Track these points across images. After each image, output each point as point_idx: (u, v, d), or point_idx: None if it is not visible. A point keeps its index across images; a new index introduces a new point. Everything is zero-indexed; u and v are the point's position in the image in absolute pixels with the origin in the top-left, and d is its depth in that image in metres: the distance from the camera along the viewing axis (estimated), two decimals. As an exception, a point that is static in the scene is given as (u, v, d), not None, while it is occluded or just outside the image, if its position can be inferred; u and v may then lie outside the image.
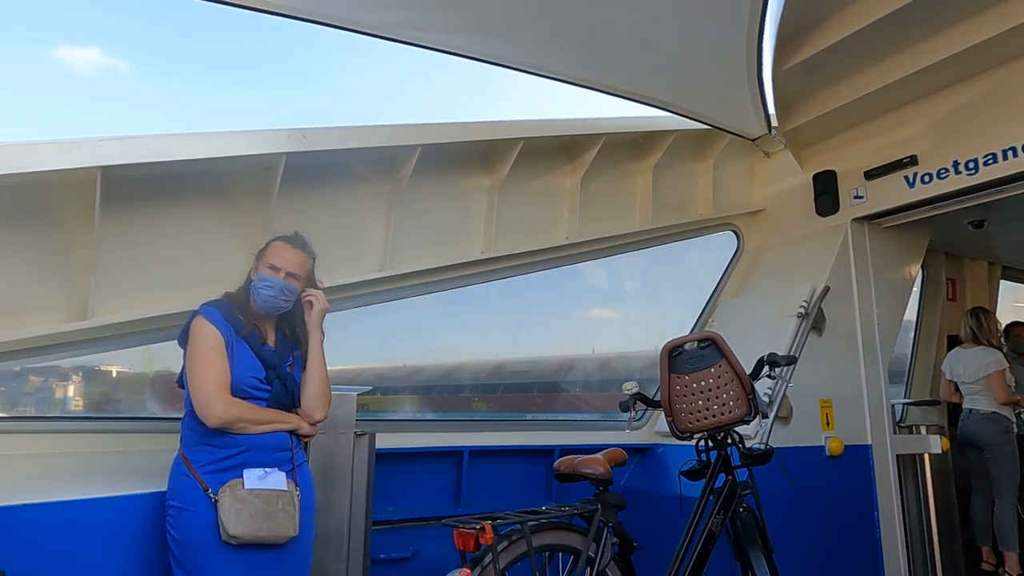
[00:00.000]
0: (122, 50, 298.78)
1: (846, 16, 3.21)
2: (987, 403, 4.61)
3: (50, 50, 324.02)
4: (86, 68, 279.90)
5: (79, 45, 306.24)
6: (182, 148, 2.60)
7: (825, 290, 3.75)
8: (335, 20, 2.69)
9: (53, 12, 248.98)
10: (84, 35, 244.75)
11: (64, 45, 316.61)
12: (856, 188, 3.93)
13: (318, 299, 2.47)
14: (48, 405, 2.86)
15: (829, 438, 3.58)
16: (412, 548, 3.16)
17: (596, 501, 2.63)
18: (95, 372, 3.01)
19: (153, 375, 3.05)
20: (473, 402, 4.53)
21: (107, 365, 3.01)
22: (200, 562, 2.12)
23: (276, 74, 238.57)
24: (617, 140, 3.88)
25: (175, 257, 2.81)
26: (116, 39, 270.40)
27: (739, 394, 2.68)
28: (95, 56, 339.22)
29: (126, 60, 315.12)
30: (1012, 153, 3.25)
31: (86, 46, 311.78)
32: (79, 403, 2.97)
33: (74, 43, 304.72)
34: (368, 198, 3.29)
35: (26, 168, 2.30)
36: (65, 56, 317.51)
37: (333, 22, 2.69)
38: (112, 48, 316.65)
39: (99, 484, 2.33)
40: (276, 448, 2.29)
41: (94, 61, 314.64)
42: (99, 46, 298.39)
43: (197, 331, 2.26)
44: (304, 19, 2.64)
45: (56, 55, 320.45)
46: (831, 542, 3.47)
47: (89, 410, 3.00)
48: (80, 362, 2.87)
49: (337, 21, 2.70)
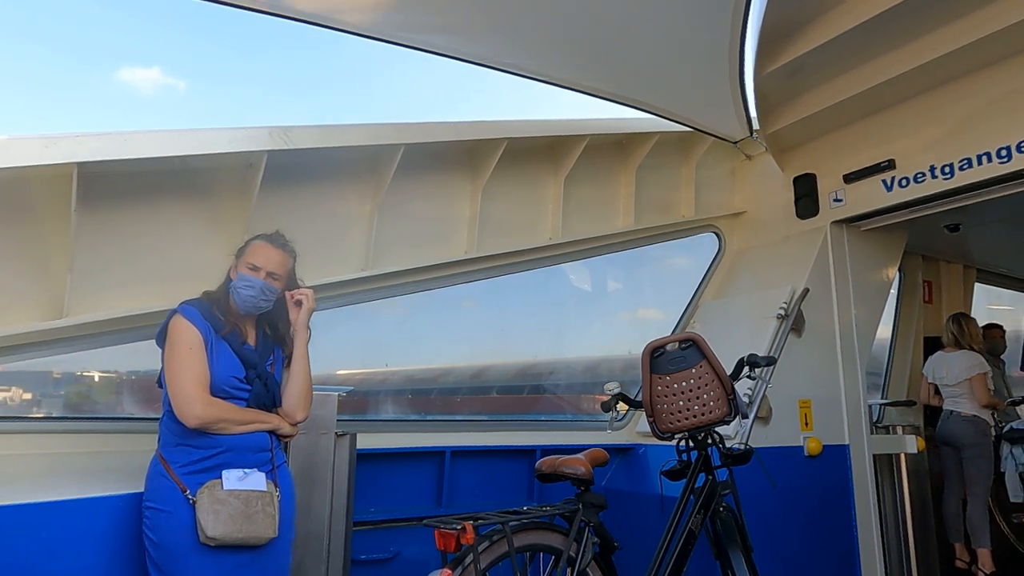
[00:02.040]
0: (181, 69, 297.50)
1: (827, 21, 3.25)
2: (968, 406, 4.69)
3: (114, 71, 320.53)
4: (147, 87, 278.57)
5: (141, 66, 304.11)
6: (161, 145, 2.57)
7: (805, 292, 3.80)
8: (320, 19, 2.68)
9: (117, 35, 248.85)
10: (146, 56, 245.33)
11: (127, 66, 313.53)
12: (835, 191, 3.98)
13: (308, 299, 2.45)
14: (23, 405, 2.81)
15: (808, 438, 3.62)
16: (393, 549, 3.15)
17: (577, 501, 2.64)
18: (71, 371, 2.96)
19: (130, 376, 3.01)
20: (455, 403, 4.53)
21: (84, 364, 2.96)
22: (178, 564, 2.10)
23: (331, 87, 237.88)
24: (600, 141, 3.89)
25: (154, 255, 2.77)
26: (176, 58, 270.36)
27: (720, 394, 2.70)
28: (156, 76, 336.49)
29: (185, 78, 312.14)
30: (987, 158, 3.31)
31: (148, 67, 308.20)
32: (55, 403, 2.92)
33: (136, 64, 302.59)
34: (351, 197, 3.27)
35: (1, 164, 2.26)
36: (128, 77, 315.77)
37: (320, 21, 2.68)
38: (172, 67, 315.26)
39: (74, 485, 2.30)
40: (256, 448, 2.27)
41: (155, 80, 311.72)
42: (160, 66, 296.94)
43: (175, 330, 2.23)
44: (302, 20, 2.63)
45: (120, 76, 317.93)
46: (809, 540, 3.51)
47: (65, 410, 2.95)
48: (56, 361, 2.82)
49: (323, 20, 2.68)
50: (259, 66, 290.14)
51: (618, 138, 4.03)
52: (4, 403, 2.77)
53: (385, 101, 70.88)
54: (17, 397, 2.81)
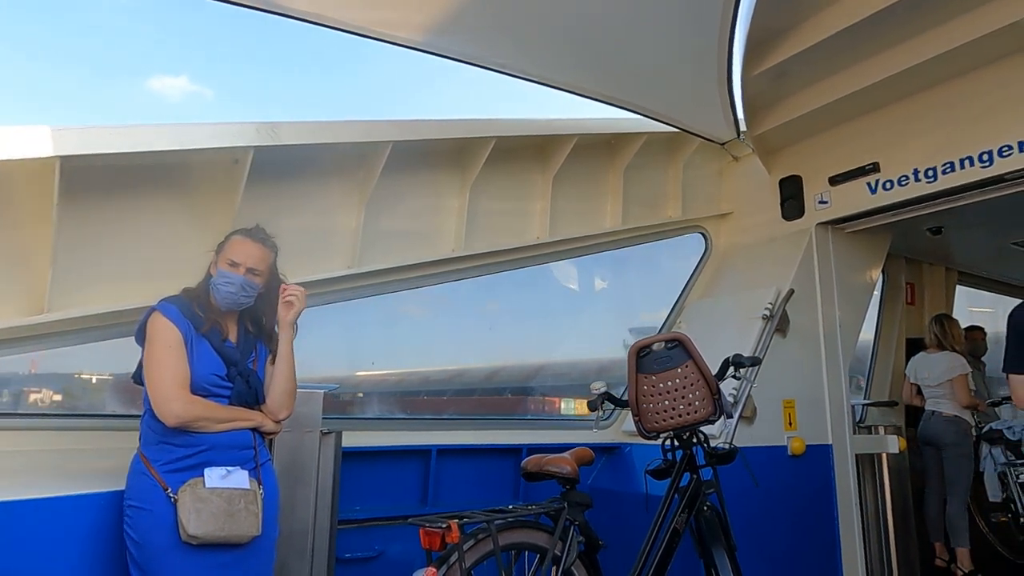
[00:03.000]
0: (208, 77, 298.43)
1: (813, 25, 3.28)
2: (950, 406, 4.75)
3: (145, 80, 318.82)
4: (175, 95, 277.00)
5: (170, 75, 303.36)
6: (146, 139, 2.54)
7: (790, 293, 3.83)
8: (316, 17, 2.66)
9: (149, 46, 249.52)
10: (175, 65, 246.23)
11: (157, 75, 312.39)
12: (821, 193, 4.02)
13: (299, 299, 2.43)
14: (2, 402, 2.77)
15: (791, 438, 3.65)
16: (378, 547, 3.14)
17: (563, 500, 2.65)
18: (52, 367, 2.92)
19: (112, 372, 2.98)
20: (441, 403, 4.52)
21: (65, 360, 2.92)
22: (159, 563, 2.08)
23: (355, 93, 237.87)
24: (589, 141, 3.90)
25: (137, 250, 2.74)
26: (203, 67, 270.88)
27: (705, 394, 2.72)
28: (183, 84, 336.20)
29: (211, 86, 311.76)
30: (969, 162, 3.35)
31: (176, 75, 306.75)
32: (35, 399, 2.88)
33: (166, 73, 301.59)
34: (338, 194, 3.26)
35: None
36: (157, 85, 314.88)
37: (316, 19, 2.67)
38: (199, 75, 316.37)
39: (54, 483, 2.27)
40: (239, 446, 2.25)
41: (182, 88, 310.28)
42: (187, 74, 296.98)
43: (154, 328, 2.21)
44: (303, 18, 2.62)
45: (150, 85, 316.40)
46: (792, 539, 3.54)
47: (46, 407, 2.91)
48: (37, 357, 2.78)
49: (314, 18, 2.67)
50: (284, 72, 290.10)
51: (606, 138, 4.04)
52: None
53: (419, 110, 71.94)
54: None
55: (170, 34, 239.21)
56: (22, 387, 2.86)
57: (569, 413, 4.64)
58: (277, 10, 2.61)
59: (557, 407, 4.64)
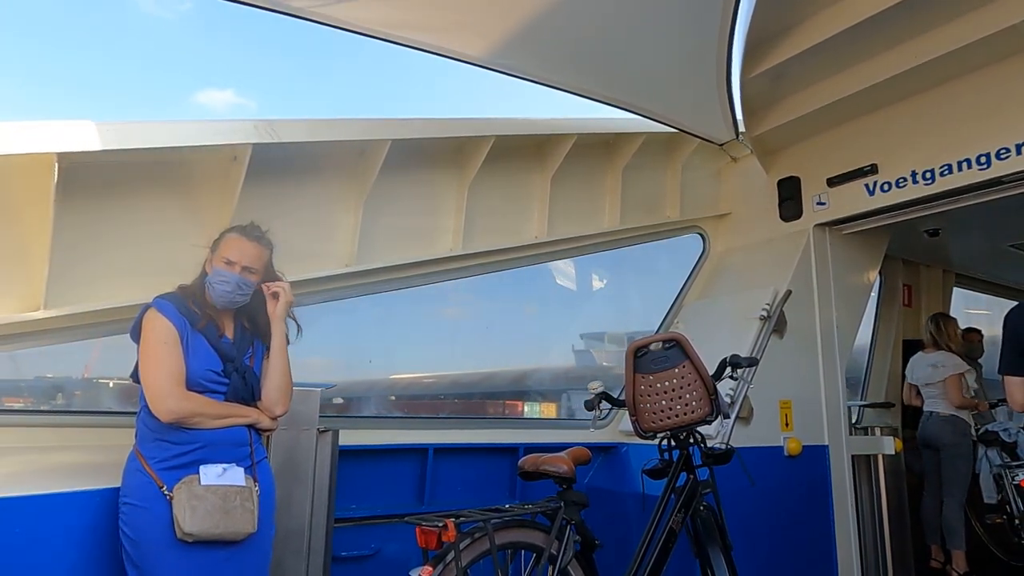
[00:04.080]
0: (252, 89, 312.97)
1: (812, 26, 3.28)
2: (945, 406, 4.76)
3: (193, 94, 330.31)
4: (221, 107, 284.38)
5: (217, 88, 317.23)
6: (144, 136, 2.54)
7: (787, 294, 3.83)
8: (319, 16, 2.66)
9: (197, 59, 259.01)
10: (221, 78, 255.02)
11: (205, 89, 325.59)
12: (819, 194, 4.02)
13: (284, 291, 2.43)
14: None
15: (788, 438, 3.66)
16: (374, 546, 3.14)
17: (559, 499, 2.65)
18: (49, 364, 2.92)
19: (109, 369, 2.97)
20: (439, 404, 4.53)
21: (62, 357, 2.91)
22: (154, 560, 2.08)
23: (393, 101, 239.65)
24: (587, 141, 3.90)
25: (135, 247, 2.74)
26: (248, 79, 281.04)
27: (702, 394, 2.72)
28: (229, 96, 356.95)
29: (255, 98, 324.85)
30: (967, 164, 3.36)
31: (222, 89, 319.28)
32: (32, 395, 2.88)
33: (213, 86, 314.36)
34: (337, 192, 3.25)
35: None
36: (205, 99, 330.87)
37: (319, 19, 2.67)
38: (244, 88, 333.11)
39: (50, 480, 2.26)
40: (234, 443, 2.24)
41: (228, 100, 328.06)
42: (233, 87, 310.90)
43: (150, 324, 2.20)
44: (304, 17, 2.62)
45: (197, 99, 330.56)
46: (787, 539, 3.55)
47: (42, 403, 2.91)
48: (33, 353, 2.77)
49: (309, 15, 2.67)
50: (325, 81, 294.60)
51: (605, 138, 4.04)
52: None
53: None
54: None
55: (219, 49, 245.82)
56: (19, 383, 2.85)
57: (534, 415, 4.69)
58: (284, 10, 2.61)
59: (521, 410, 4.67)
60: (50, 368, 2.93)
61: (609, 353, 4.98)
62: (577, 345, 4.84)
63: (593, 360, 5.02)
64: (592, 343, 5.03)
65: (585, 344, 4.96)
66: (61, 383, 3.00)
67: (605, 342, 5.13)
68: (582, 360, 4.92)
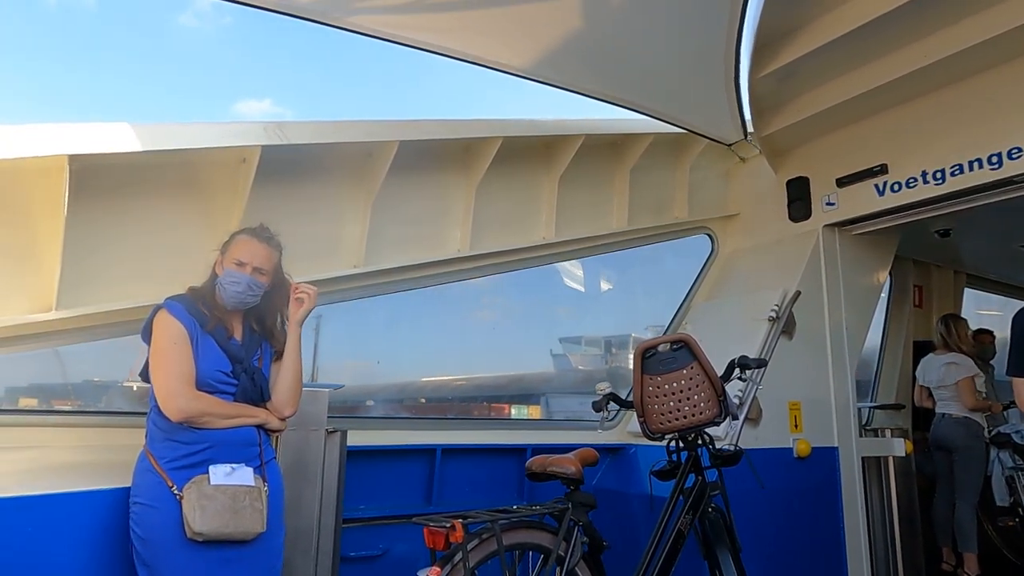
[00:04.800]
0: (290, 98, 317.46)
1: (821, 26, 3.27)
2: (958, 408, 4.72)
3: (232, 105, 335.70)
4: (258, 117, 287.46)
5: (255, 99, 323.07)
6: (155, 138, 2.55)
7: (796, 294, 3.81)
8: (319, 16, 2.68)
9: (236, 71, 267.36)
10: (259, 89, 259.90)
11: (244, 99, 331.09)
12: (828, 195, 4.00)
13: (309, 298, 2.44)
14: (10, 398, 2.79)
15: (797, 440, 3.64)
16: (382, 546, 3.15)
17: (567, 500, 2.64)
18: (61, 364, 2.94)
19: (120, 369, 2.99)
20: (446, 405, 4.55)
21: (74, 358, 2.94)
22: (164, 560, 2.09)
23: (425, 109, 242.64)
24: (595, 142, 3.89)
25: (146, 249, 2.76)
26: (285, 89, 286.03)
27: (710, 396, 2.71)
28: (267, 106, 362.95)
29: (292, 107, 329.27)
30: (978, 164, 3.34)
31: (261, 99, 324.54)
32: (43, 396, 2.90)
33: (251, 97, 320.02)
34: (345, 193, 3.26)
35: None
36: (244, 109, 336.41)
37: (321, 19, 2.68)
38: (281, 97, 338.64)
39: (61, 479, 2.28)
40: (244, 443, 2.26)
41: (266, 110, 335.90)
42: (271, 97, 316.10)
43: (160, 325, 2.22)
44: (306, 18, 2.64)
45: (237, 109, 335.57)
46: (797, 542, 3.53)
47: (54, 403, 2.93)
48: (45, 354, 2.80)
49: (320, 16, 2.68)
50: (362, 91, 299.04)
51: (613, 139, 4.04)
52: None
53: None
54: (4, 390, 2.78)
55: (256, 61, 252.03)
56: (30, 383, 2.88)
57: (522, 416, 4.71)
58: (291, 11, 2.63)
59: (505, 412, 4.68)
60: (62, 368, 2.95)
61: (585, 357, 5.05)
62: (555, 349, 4.88)
63: (569, 363, 5.07)
64: (570, 347, 5.06)
65: (565, 349, 5.00)
66: (108, 386, 3.03)
67: (583, 345, 5.18)
68: (559, 364, 4.98)
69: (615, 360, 5.00)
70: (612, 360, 5.05)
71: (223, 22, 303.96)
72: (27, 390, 2.88)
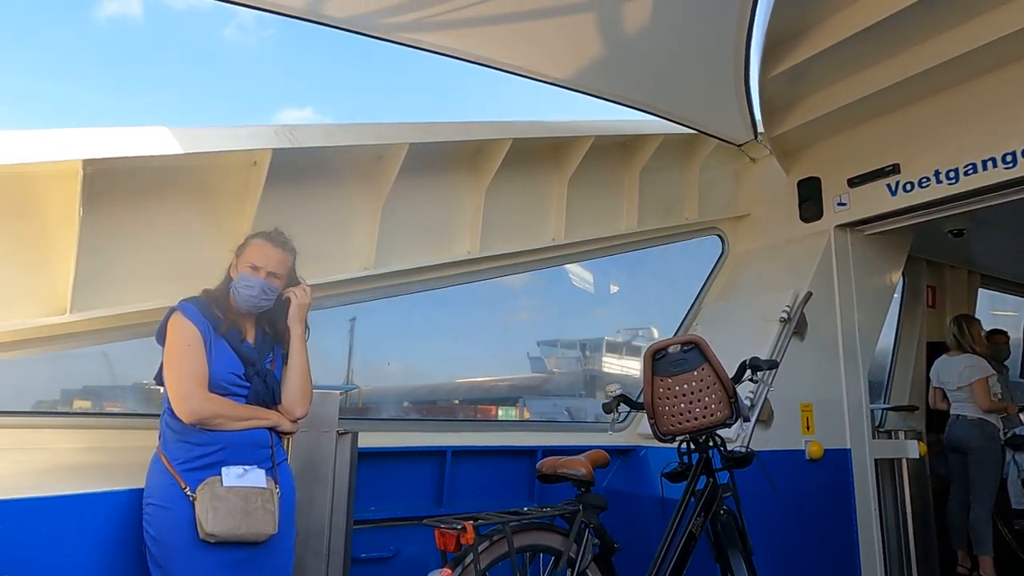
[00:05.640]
0: (330, 106, 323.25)
1: (832, 25, 3.25)
2: (973, 409, 4.68)
3: (274, 114, 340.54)
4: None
5: (297, 107, 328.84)
6: (167, 142, 2.57)
7: (808, 295, 3.79)
8: (314, 15, 2.69)
9: (278, 81, 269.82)
10: (301, 98, 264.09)
11: (285, 108, 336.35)
12: (840, 195, 3.98)
13: (297, 295, 2.46)
14: (25, 400, 2.82)
15: (809, 442, 3.61)
16: (393, 548, 3.15)
17: (578, 502, 2.64)
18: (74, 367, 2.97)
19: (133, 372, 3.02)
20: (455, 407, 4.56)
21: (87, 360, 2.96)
22: (177, 561, 2.11)
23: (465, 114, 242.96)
24: (605, 143, 3.89)
25: (158, 252, 2.78)
26: (325, 97, 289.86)
27: (721, 397, 2.70)
28: (308, 114, 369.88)
29: (332, 114, 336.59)
30: (992, 163, 3.30)
31: (302, 107, 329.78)
32: (58, 398, 2.93)
33: (293, 106, 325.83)
34: (355, 196, 3.28)
35: (8, 160, 2.28)
36: (285, 118, 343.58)
37: (296, 13, 2.69)
38: (322, 105, 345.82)
39: (76, 480, 2.30)
40: (255, 445, 2.27)
41: (307, 118, 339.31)
42: (312, 105, 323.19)
43: (174, 328, 2.24)
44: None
45: (279, 118, 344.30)
46: (810, 545, 3.50)
47: (68, 405, 2.96)
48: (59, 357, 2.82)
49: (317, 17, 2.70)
50: (399, 97, 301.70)
51: (622, 140, 4.03)
52: (7, 398, 2.77)
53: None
54: (19, 392, 2.81)
55: (297, 70, 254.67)
56: (45, 385, 2.90)
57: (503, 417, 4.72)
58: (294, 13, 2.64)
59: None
60: (76, 371, 2.97)
61: (560, 360, 5.08)
62: (533, 353, 4.90)
63: (546, 367, 5.10)
64: (547, 350, 5.09)
65: (543, 352, 5.02)
66: (88, 385, 3.05)
67: (558, 347, 5.20)
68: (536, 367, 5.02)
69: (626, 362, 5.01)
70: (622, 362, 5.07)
71: (265, 34, 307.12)
72: (41, 392, 2.90)
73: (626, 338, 5.22)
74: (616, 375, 5.09)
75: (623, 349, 5.14)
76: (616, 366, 5.11)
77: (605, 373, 5.16)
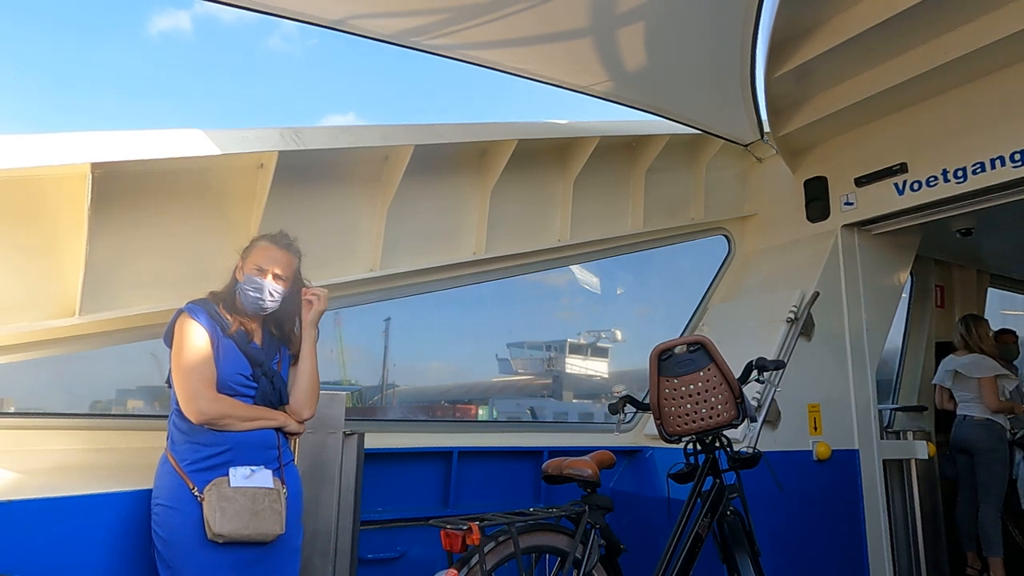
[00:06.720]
0: (371, 112, 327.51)
1: (838, 24, 3.24)
2: (980, 410, 4.64)
3: (317, 121, 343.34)
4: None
5: (339, 114, 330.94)
6: (174, 145, 2.59)
7: (815, 295, 3.77)
8: (333, 23, 2.71)
9: (321, 89, 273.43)
10: (343, 105, 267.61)
11: (328, 115, 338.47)
12: (846, 194, 3.96)
13: (319, 300, 2.47)
14: (33, 401, 2.84)
15: (816, 443, 3.60)
16: (400, 548, 3.16)
17: (584, 503, 2.64)
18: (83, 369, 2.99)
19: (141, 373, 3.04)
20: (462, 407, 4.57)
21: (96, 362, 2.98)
22: (185, 561, 2.12)
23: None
24: (610, 143, 3.89)
25: (166, 254, 2.80)
26: (366, 104, 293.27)
27: (728, 398, 2.69)
28: (350, 120, 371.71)
29: (375, 119, 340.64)
30: (1000, 162, 3.28)
31: (344, 114, 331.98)
32: (66, 400, 2.95)
33: (336, 112, 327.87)
34: (361, 198, 3.29)
35: (17, 164, 2.30)
36: (329, 123, 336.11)
37: (331, 24, 2.71)
38: (363, 111, 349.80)
39: (85, 481, 2.32)
40: (263, 446, 2.28)
41: (351, 123, 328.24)
42: (354, 111, 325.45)
43: (181, 329, 2.26)
44: (306, 22, 2.67)
45: (323, 123, 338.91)
46: (817, 546, 3.49)
47: (76, 407, 2.98)
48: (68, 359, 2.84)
49: (334, 24, 2.72)
50: (435, 102, 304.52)
51: (627, 140, 4.03)
52: (15, 399, 2.80)
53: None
54: (28, 394, 2.84)
55: (340, 77, 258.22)
56: (53, 387, 2.93)
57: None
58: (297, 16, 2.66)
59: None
60: (85, 373, 3.00)
61: (526, 361, 5.11)
62: (501, 354, 4.91)
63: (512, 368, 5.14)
64: (515, 351, 5.10)
65: (511, 354, 5.04)
66: (96, 387, 3.06)
67: (525, 348, 5.22)
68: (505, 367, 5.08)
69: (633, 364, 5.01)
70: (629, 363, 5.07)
71: (309, 43, 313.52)
72: (49, 394, 2.92)
73: (587, 343, 5.27)
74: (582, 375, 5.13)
75: (587, 351, 5.19)
76: (579, 367, 5.15)
77: (571, 374, 5.20)
